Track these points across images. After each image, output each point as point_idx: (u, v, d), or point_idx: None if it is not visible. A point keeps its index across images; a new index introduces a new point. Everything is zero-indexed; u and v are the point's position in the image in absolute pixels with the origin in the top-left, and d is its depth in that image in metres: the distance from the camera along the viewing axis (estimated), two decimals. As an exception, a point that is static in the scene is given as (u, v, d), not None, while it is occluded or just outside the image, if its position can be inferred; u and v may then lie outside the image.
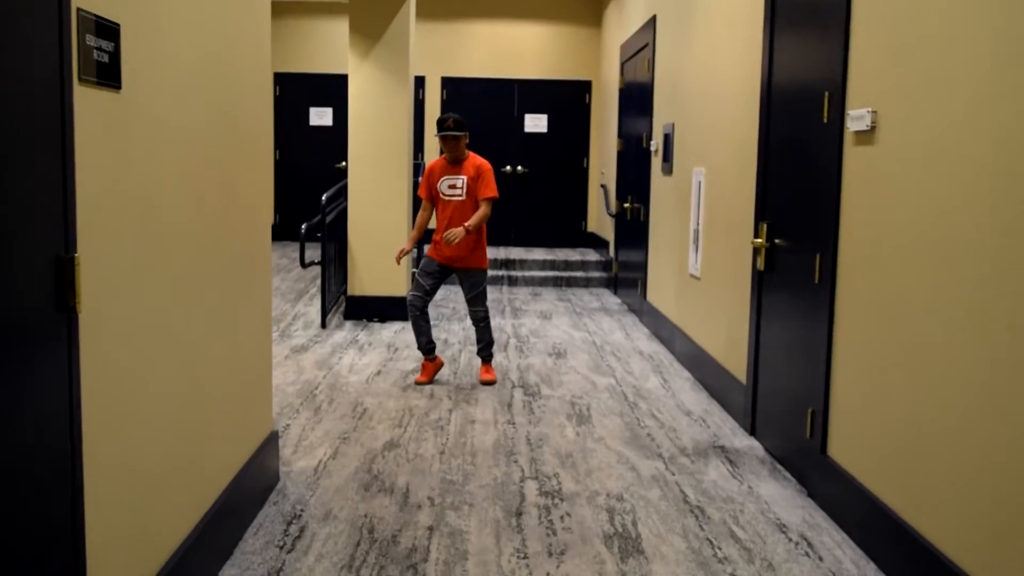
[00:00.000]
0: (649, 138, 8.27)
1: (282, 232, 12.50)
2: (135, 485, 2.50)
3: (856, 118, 3.60)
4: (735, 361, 5.35)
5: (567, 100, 12.34)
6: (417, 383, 5.91)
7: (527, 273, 10.69)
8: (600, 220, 11.78)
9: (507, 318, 8.46)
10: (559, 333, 7.81)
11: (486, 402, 5.54)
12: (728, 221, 5.59)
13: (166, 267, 2.67)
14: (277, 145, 12.46)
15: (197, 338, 3.01)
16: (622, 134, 9.96)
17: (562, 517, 3.76)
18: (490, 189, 5.82)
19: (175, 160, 2.73)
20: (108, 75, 2.20)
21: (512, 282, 10.57)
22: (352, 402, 5.46)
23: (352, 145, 8.05)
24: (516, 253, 11.38)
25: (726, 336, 5.57)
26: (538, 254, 11.40)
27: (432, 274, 5.89)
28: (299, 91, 12.33)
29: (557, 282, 10.65)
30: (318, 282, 9.44)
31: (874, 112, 3.49)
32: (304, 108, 12.36)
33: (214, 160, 3.14)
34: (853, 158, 3.69)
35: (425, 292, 5.87)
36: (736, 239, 5.38)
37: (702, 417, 5.32)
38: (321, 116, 12.39)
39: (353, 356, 6.70)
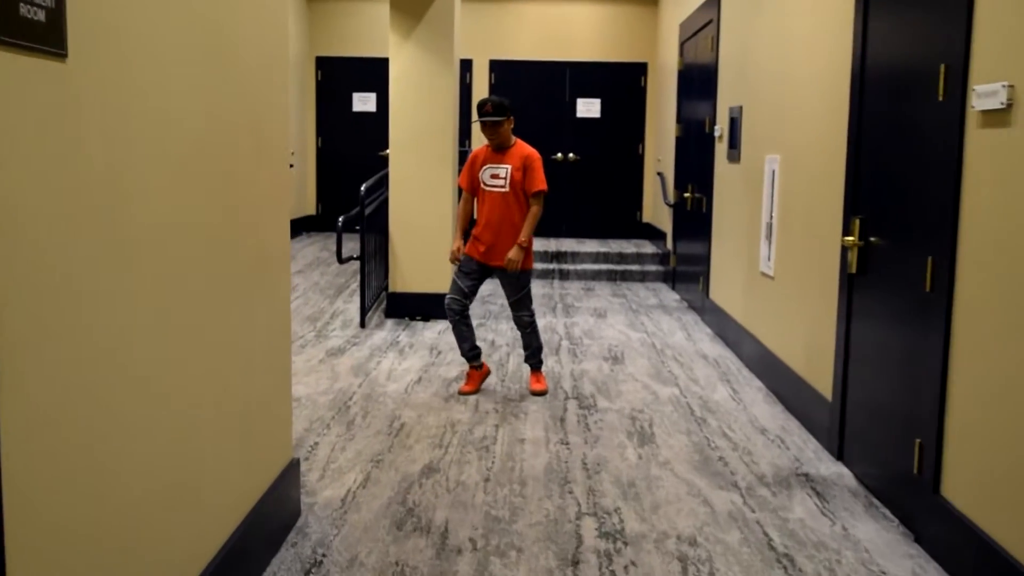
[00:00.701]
0: (713, 123, 7.64)
1: (323, 223, 12.05)
2: (93, 544, 2.00)
3: (985, 95, 2.98)
4: (817, 373, 4.74)
5: (621, 83, 11.72)
6: (461, 393, 5.39)
7: (579, 266, 10.12)
8: (656, 210, 11.16)
9: (559, 316, 7.90)
10: (615, 334, 7.23)
11: (536, 416, 5.00)
12: (808, 215, 4.97)
13: (137, 273, 2.16)
14: (318, 132, 12.01)
15: (186, 355, 2.49)
16: (681, 119, 9.33)
17: (626, 567, 3.21)
18: (538, 182, 5.26)
19: (151, 152, 2.21)
20: (45, 38, 1.68)
21: (564, 276, 10.00)
22: (389, 415, 4.95)
23: (393, 132, 7.53)
24: (568, 245, 10.82)
25: (806, 344, 4.96)
26: (591, 246, 10.83)
27: (470, 274, 5.35)
28: (341, 76, 11.86)
29: (611, 276, 10.07)
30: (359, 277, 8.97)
31: (1010, 87, 2.86)
32: (346, 93, 11.88)
33: (209, 152, 2.62)
34: (978, 142, 3.07)
35: (464, 294, 5.33)
36: (818, 235, 4.77)
37: (780, 436, 4.72)
38: (364, 102, 11.91)
39: (392, 360, 6.19)
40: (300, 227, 11.70)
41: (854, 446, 4.17)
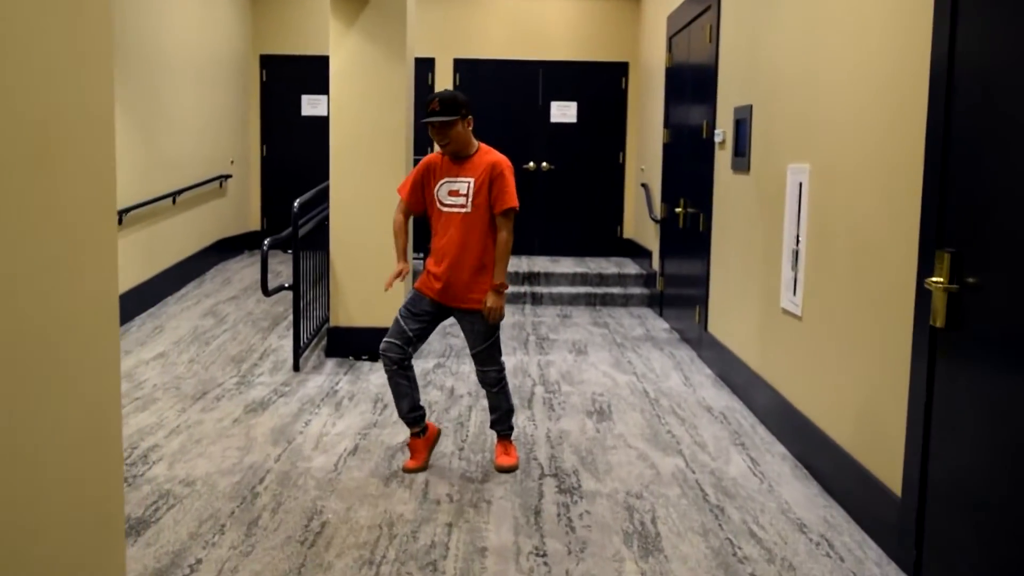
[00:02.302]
0: (712, 127, 6.51)
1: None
2: None
3: None
4: (877, 454, 3.60)
5: (600, 85, 10.58)
6: (405, 470, 4.19)
7: (554, 289, 8.95)
8: (639, 225, 10.02)
9: (531, 353, 6.72)
10: (598, 376, 6.06)
11: (503, 507, 3.82)
12: (858, 242, 3.83)
13: None
14: (263, 139, 10.77)
15: None
16: (669, 123, 8.20)
17: None
18: (507, 197, 4.09)
19: None
20: None
21: (536, 300, 8.83)
22: (307, 509, 3.74)
23: (334, 136, 6.34)
24: (541, 264, 9.65)
25: (856, 413, 3.81)
26: (566, 265, 9.66)
27: (420, 316, 4.17)
28: (288, 76, 10.63)
29: (590, 300, 8.91)
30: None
31: None
32: (294, 96, 10.66)
33: None
34: None
35: (406, 340, 4.14)
36: (876, 270, 3.63)
37: (825, 537, 3.56)
38: (314, 105, 10.69)
39: (325, 419, 4.99)
40: (242, 244, 10.45)
41: (941, 561, 3.02)
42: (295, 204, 5.95)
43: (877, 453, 3.57)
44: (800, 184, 4.53)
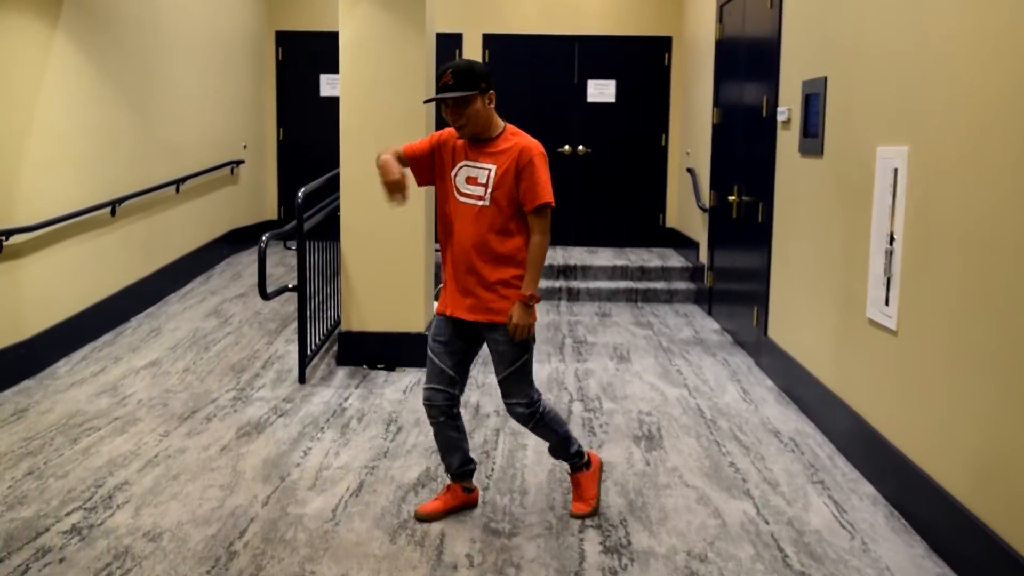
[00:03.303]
0: (773, 104, 5.71)
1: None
2: None
3: None
4: (1005, 514, 2.82)
5: (640, 61, 9.76)
6: (419, 517, 3.47)
7: (592, 284, 8.19)
8: (684, 214, 9.22)
9: (568, 360, 5.98)
10: (644, 390, 5.31)
11: (537, 573, 3.09)
12: (974, 242, 3.05)
13: None
14: (279, 121, 10.07)
15: None
16: (720, 102, 7.40)
17: None
18: (541, 191, 3.29)
19: None
20: None
21: (572, 296, 8.08)
22: (293, 574, 3.04)
23: (345, 118, 5.62)
24: (577, 256, 8.88)
25: (972, 454, 3.04)
26: (605, 257, 8.89)
27: (449, 344, 3.41)
28: (306, 54, 9.91)
29: (631, 296, 8.14)
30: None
31: None
32: (313, 75, 9.94)
33: None
34: None
35: (449, 380, 3.39)
36: (996, 276, 2.85)
37: (945, 621, 2.80)
38: (334, 85, 9.97)
39: (328, 446, 4.28)
40: (256, 235, 9.75)
41: None
42: (299, 194, 5.24)
43: (1003, 509, 2.80)
44: (895, 171, 3.73)
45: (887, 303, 3.79)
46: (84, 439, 4.32)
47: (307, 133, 9.97)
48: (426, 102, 3.33)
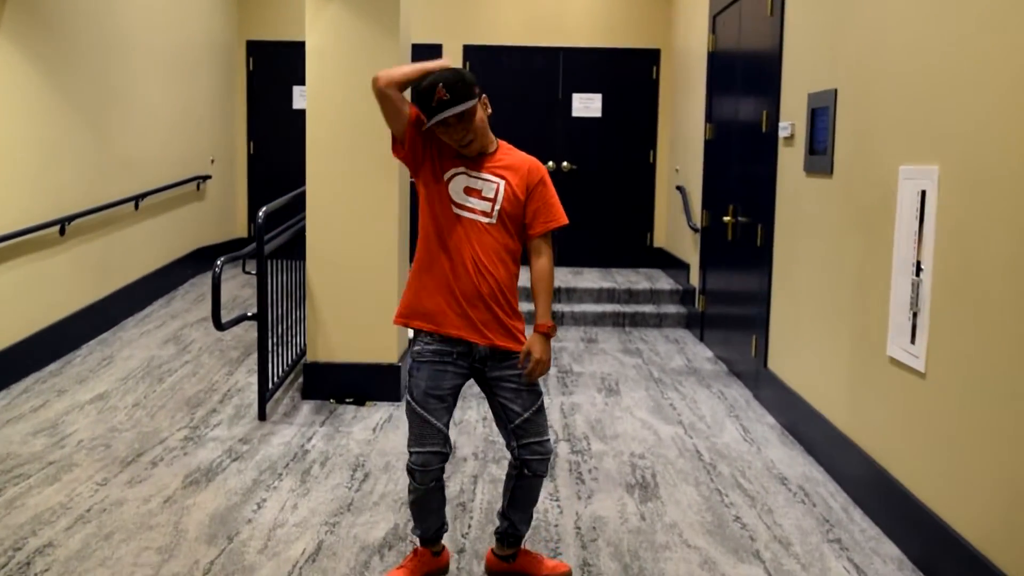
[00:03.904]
0: (774, 119, 5.32)
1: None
2: None
3: None
4: (1072, 597, 2.41)
5: (627, 75, 9.38)
6: (384, 588, 3.03)
7: (577, 308, 7.76)
8: (673, 233, 8.82)
9: (552, 392, 5.55)
10: (636, 428, 4.88)
11: (518, 659, 2.64)
12: (1022, 274, 2.65)
13: None
14: (250, 135, 9.61)
15: None
16: (713, 117, 7.01)
17: None
18: (558, 211, 2.98)
19: None
20: None
21: (556, 320, 7.65)
22: (233, 666, 2.58)
23: (311, 130, 5.17)
24: (561, 278, 8.46)
25: (1019, 520, 2.63)
26: (591, 279, 8.48)
27: (450, 394, 2.92)
28: (278, 64, 9.47)
29: (618, 320, 7.72)
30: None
31: None
32: (285, 87, 9.49)
33: None
34: None
35: (444, 440, 2.91)
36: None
37: None
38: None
39: (286, 497, 3.82)
40: (226, 254, 9.28)
41: None
42: (260, 213, 4.79)
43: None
44: (922, 193, 3.33)
45: (912, 340, 3.38)
46: (10, 489, 3.84)
47: (279, 147, 9.51)
48: (427, 128, 2.84)
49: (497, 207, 2.87)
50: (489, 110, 2.91)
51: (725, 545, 3.43)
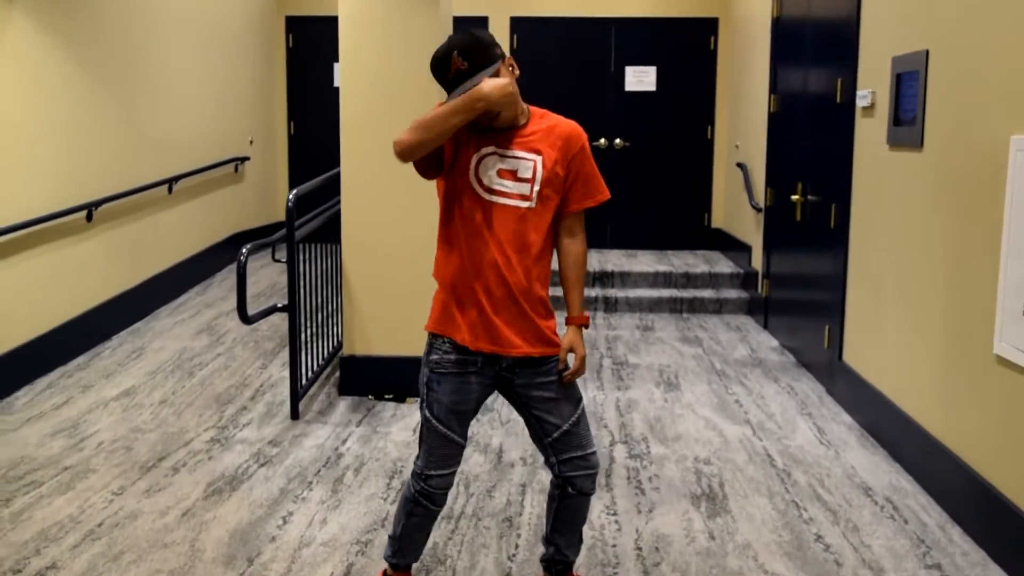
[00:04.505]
0: (850, 87, 4.83)
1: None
2: None
3: None
4: None
5: (683, 46, 8.87)
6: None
7: (631, 293, 7.33)
8: (732, 213, 8.34)
9: (607, 386, 5.14)
10: (699, 427, 4.46)
11: None
12: None
13: None
14: (290, 115, 9.29)
15: None
16: (778, 88, 6.51)
17: None
18: (600, 185, 2.59)
19: None
20: None
21: (610, 306, 7.23)
22: None
23: (345, 107, 4.80)
24: (614, 261, 8.03)
25: None
26: (645, 262, 8.03)
27: (473, 410, 2.55)
28: (319, 41, 9.12)
29: (675, 306, 7.27)
30: (318, 321, 6.08)
31: None
32: (326, 64, 9.15)
33: None
34: None
35: (456, 461, 2.55)
36: None
37: None
38: (349, 75, 9.17)
39: (315, 509, 3.47)
40: (266, 237, 9.00)
41: None
42: (289, 197, 4.44)
43: None
44: (1042, 166, 2.86)
45: (1028, 339, 2.92)
46: (19, 499, 3.54)
47: (321, 127, 9.17)
48: (446, 102, 2.44)
49: (536, 187, 2.46)
50: (517, 72, 2.49)
51: (807, 571, 3.01)
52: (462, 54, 2.36)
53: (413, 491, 2.55)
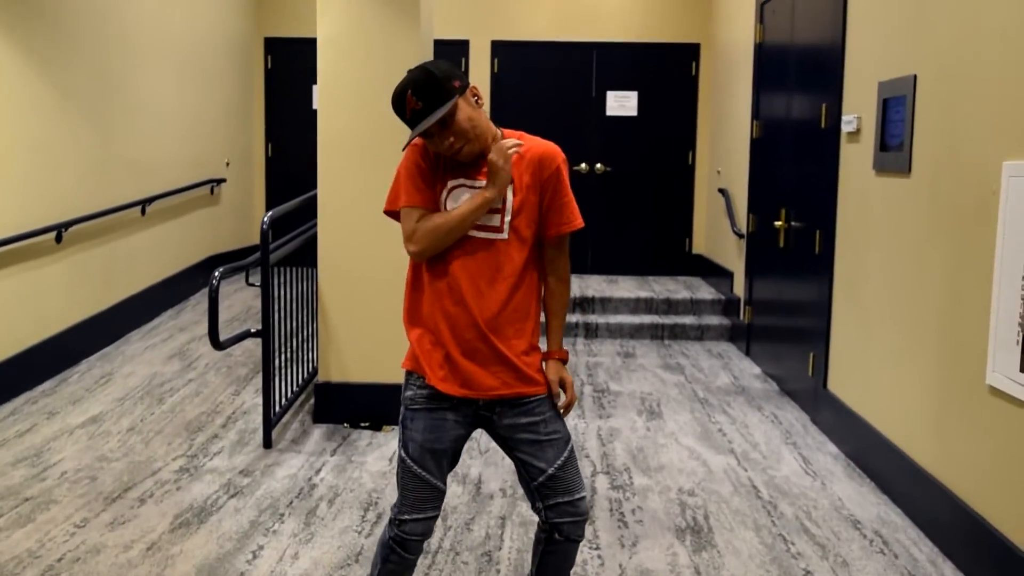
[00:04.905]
0: (835, 113, 4.78)
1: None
2: None
3: None
4: None
5: (665, 71, 8.84)
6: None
7: (612, 319, 7.24)
8: (713, 239, 8.28)
9: (588, 415, 5.04)
10: (683, 457, 4.36)
11: None
12: None
13: None
14: (267, 136, 9.18)
15: None
16: (761, 114, 6.47)
17: None
18: (574, 212, 2.47)
19: None
20: None
21: (591, 333, 7.13)
22: None
23: (323, 128, 4.70)
24: (595, 286, 7.94)
25: None
26: (626, 288, 7.95)
27: (451, 450, 2.42)
28: (298, 62, 9.03)
29: (656, 332, 7.19)
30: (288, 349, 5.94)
31: None
32: (305, 86, 9.05)
33: None
34: None
35: (442, 499, 2.43)
36: None
37: None
38: (328, 97, 9.08)
39: (286, 543, 3.34)
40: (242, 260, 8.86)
41: None
42: (264, 220, 4.33)
43: None
44: (1035, 192, 2.80)
45: (1023, 368, 2.84)
46: (-24, 532, 3.39)
47: (299, 149, 9.06)
48: (405, 148, 2.37)
49: (507, 218, 2.35)
50: (481, 102, 2.39)
51: (797, 609, 2.91)
52: (416, 93, 2.27)
53: (387, 536, 2.42)
